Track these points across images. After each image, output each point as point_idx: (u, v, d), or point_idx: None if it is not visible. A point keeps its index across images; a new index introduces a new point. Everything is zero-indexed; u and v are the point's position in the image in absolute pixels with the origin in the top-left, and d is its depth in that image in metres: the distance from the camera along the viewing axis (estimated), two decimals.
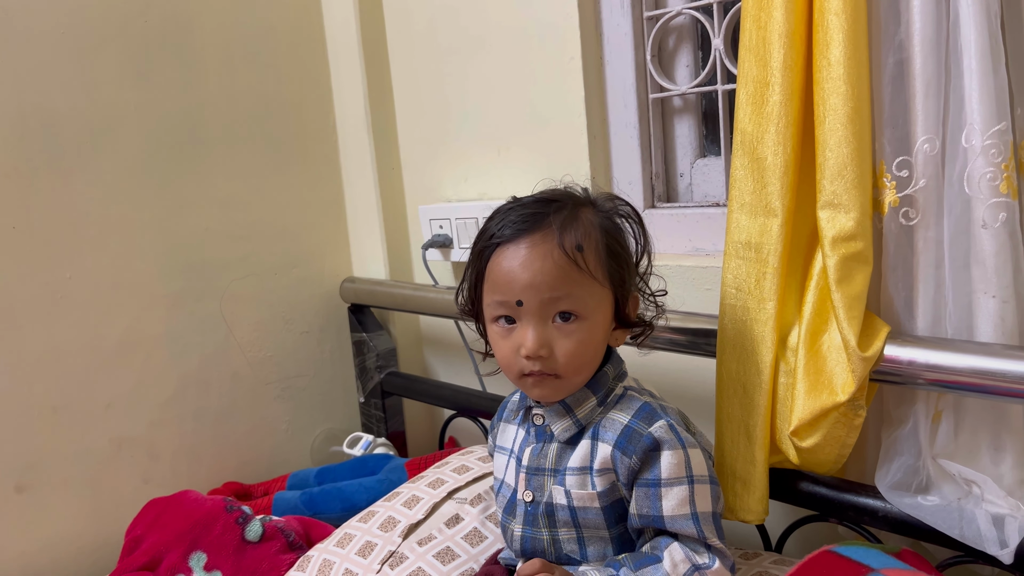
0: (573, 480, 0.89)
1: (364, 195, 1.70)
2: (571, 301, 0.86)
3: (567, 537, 0.90)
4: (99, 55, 1.43)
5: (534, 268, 0.85)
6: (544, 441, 0.93)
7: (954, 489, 0.91)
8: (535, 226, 0.87)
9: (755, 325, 0.98)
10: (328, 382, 1.74)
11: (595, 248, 0.87)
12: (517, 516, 0.94)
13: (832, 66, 0.90)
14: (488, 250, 0.89)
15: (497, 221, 0.90)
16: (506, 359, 0.89)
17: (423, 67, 1.60)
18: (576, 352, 0.86)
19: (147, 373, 1.50)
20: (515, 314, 0.87)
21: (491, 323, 0.91)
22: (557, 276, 0.85)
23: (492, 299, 0.89)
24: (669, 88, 1.31)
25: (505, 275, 0.87)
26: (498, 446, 1.02)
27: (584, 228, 0.87)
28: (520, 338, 0.87)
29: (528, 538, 0.93)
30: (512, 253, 0.87)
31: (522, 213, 0.88)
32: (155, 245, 1.50)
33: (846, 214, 0.90)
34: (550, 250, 0.85)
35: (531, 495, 0.92)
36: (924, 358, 0.88)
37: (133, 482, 1.49)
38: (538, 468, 0.92)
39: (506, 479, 0.97)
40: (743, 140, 0.98)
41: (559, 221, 0.86)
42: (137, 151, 1.48)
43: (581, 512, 0.88)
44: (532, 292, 0.85)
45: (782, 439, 0.99)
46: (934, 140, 0.89)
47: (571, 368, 0.87)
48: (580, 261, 0.85)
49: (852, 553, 0.88)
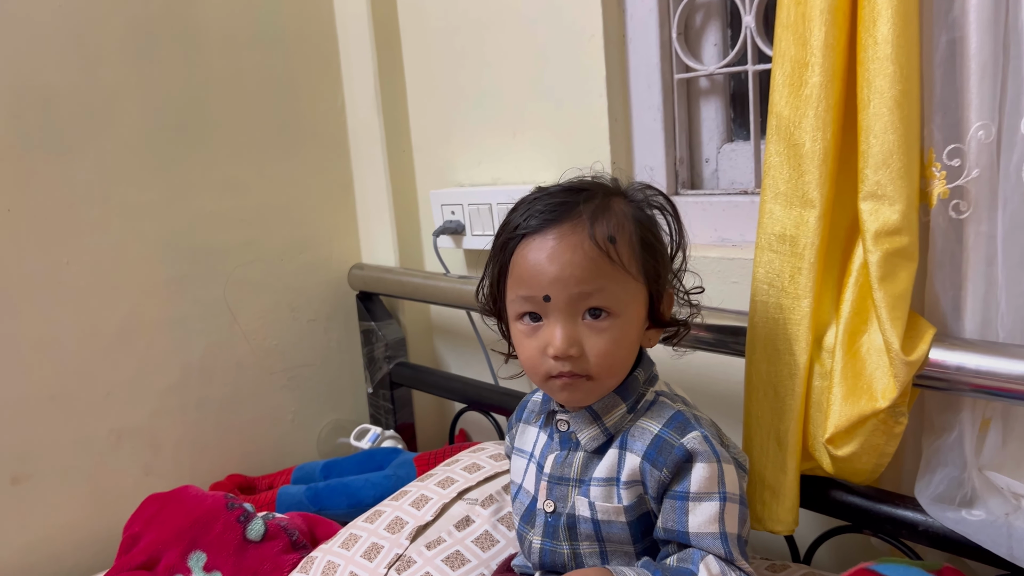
0: (598, 492, 0.83)
1: (373, 179, 1.64)
2: (603, 296, 0.79)
3: (589, 551, 0.85)
4: (99, 31, 1.37)
5: (563, 260, 0.79)
6: (569, 449, 0.87)
7: (1001, 503, 0.85)
8: (564, 216, 0.80)
9: (788, 324, 0.92)
10: (335, 372, 1.69)
11: (628, 240, 0.81)
12: (536, 526, 0.88)
13: (879, 45, 0.83)
14: (512, 242, 0.83)
15: (522, 212, 0.83)
16: (531, 360, 0.83)
17: (436, 45, 1.54)
18: (609, 352, 0.80)
19: (148, 361, 1.46)
20: (541, 311, 0.81)
21: (515, 321, 0.84)
22: (588, 269, 0.78)
23: (516, 294, 0.82)
24: (696, 68, 1.24)
25: (531, 268, 0.80)
26: (516, 448, 0.96)
27: (617, 218, 0.81)
28: (547, 337, 0.80)
29: (548, 551, 0.87)
30: (539, 245, 0.80)
31: (549, 203, 0.82)
32: (157, 229, 1.45)
33: (891, 206, 0.84)
34: (580, 241, 0.79)
35: (553, 505, 0.87)
36: (973, 363, 0.82)
37: (134, 474, 1.45)
38: (562, 477, 0.86)
39: (524, 485, 0.92)
40: (779, 125, 0.91)
41: (590, 211, 0.80)
42: (138, 131, 1.42)
43: (605, 526, 0.83)
44: (560, 286, 0.79)
45: (815, 446, 0.93)
46: (989, 127, 0.83)
47: (604, 369, 0.81)
48: (613, 253, 0.79)
49: (891, 572, 0.83)
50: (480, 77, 1.47)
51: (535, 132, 1.40)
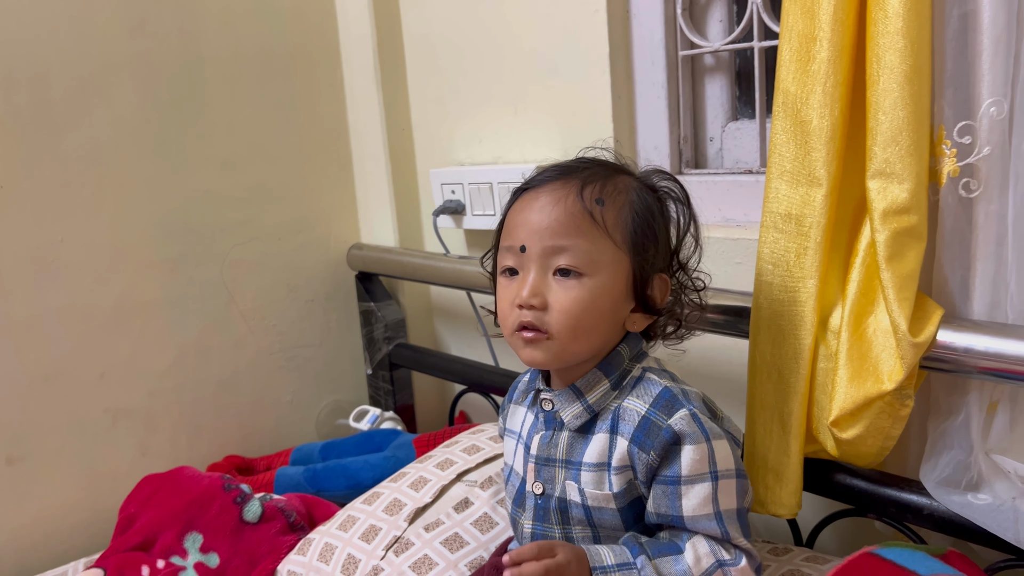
0: (588, 478, 0.81)
1: (373, 157, 1.62)
2: (574, 255, 0.79)
3: (582, 535, 0.83)
4: (93, 6, 1.35)
5: (544, 212, 0.80)
6: (554, 429, 0.85)
7: (1008, 487, 0.84)
8: (560, 176, 0.83)
9: (794, 304, 0.90)
10: (334, 353, 1.68)
11: (618, 208, 0.81)
12: (527, 509, 0.87)
13: (889, 19, 0.81)
14: (513, 197, 0.86)
15: (531, 177, 0.86)
16: (503, 312, 0.83)
17: (436, 21, 1.51)
18: (571, 310, 0.78)
19: (144, 341, 1.44)
20: (519, 263, 0.81)
21: (499, 275, 0.85)
22: (566, 224, 0.79)
23: (502, 245, 0.84)
24: (701, 45, 1.22)
25: (516, 218, 0.83)
26: (508, 429, 0.94)
27: (613, 187, 0.82)
28: (518, 287, 0.81)
29: (540, 535, 0.86)
30: (531, 197, 0.83)
31: (556, 167, 0.85)
32: (152, 207, 1.43)
33: (899, 184, 0.82)
34: (566, 195, 0.80)
35: (541, 487, 0.85)
36: (982, 345, 0.81)
37: (130, 454, 1.44)
38: (548, 459, 0.85)
39: (515, 466, 0.90)
40: (785, 101, 0.89)
41: (587, 174, 0.82)
42: (132, 106, 1.40)
43: (596, 512, 0.82)
44: (536, 237, 0.80)
45: (819, 429, 0.92)
46: (1002, 103, 0.81)
47: (564, 328, 0.79)
48: (597, 213, 0.79)
49: (896, 556, 0.81)
50: (481, 53, 1.45)
51: (537, 110, 1.38)
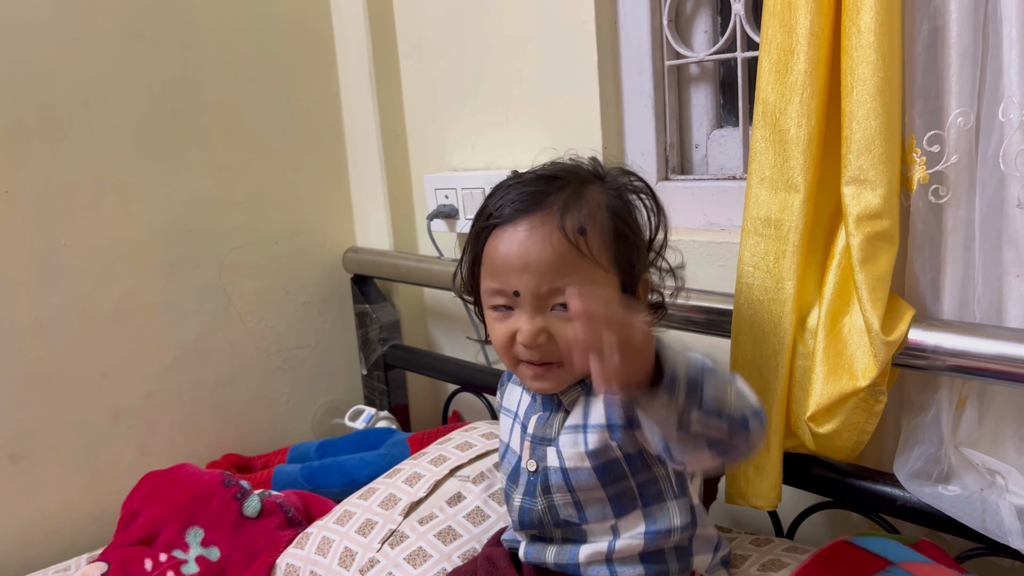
0: (566, 439, 0.84)
1: (368, 162, 1.65)
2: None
3: (563, 502, 0.85)
4: (94, 12, 1.38)
5: (532, 255, 0.80)
6: (551, 410, 0.88)
7: (977, 479, 0.88)
8: (535, 206, 0.81)
9: (773, 305, 0.94)
10: (330, 354, 1.71)
11: (600, 231, 0.82)
12: (519, 485, 0.90)
13: (862, 33, 0.85)
14: (485, 232, 0.84)
15: (496, 200, 0.84)
16: (503, 345, 0.84)
17: (430, 29, 1.55)
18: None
19: (143, 342, 1.47)
20: (512, 303, 0.83)
21: (487, 308, 0.86)
22: (556, 265, 0.79)
23: (489, 286, 0.84)
24: (686, 55, 1.26)
25: (502, 261, 0.82)
26: (504, 407, 0.96)
27: (589, 208, 0.82)
28: (516, 323, 0.82)
29: (526, 509, 0.88)
30: (509, 237, 0.81)
31: (522, 192, 0.83)
32: (152, 211, 1.46)
33: (872, 191, 0.86)
34: (549, 234, 0.80)
35: (535, 465, 0.88)
36: (950, 343, 0.85)
37: (130, 453, 1.47)
38: (544, 438, 0.88)
39: (511, 444, 0.93)
40: (765, 111, 0.93)
41: (561, 201, 0.81)
42: (133, 113, 1.43)
43: (573, 474, 0.84)
44: (528, 282, 0.80)
45: (798, 424, 0.96)
46: (968, 113, 0.85)
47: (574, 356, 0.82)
48: (583, 246, 0.80)
49: (869, 544, 0.85)
50: (474, 62, 1.48)
51: (528, 117, 1.41)
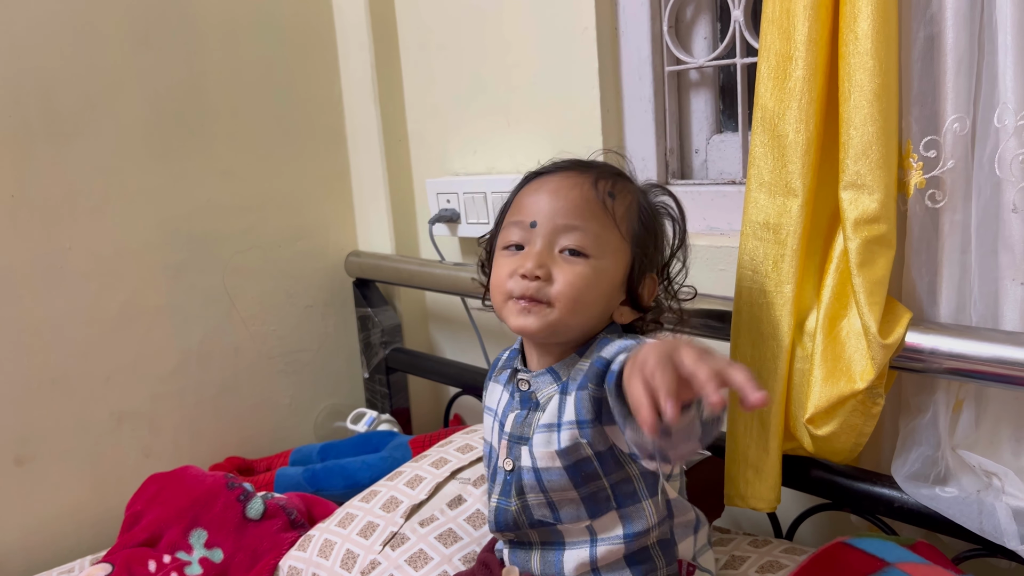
0: (540, 438, 0.83)
1: (370, 167, 1.67)
2: (585, 236, 0.83)
3: (536, 502, 0.85)
4: (99, 19, 1.39)
5: (560, 193, 0.85)
6: (529, 409, 0.87)
7: (973, 481, 0.89)
8: (574, 168, 0.89)
9: (772, 309, 0.95)
10: (332, 357, 1.72)
11: (627, 207, 0.87)
12: (497, 485, 0.89)
13: (859, 40, 0.86)
14: (525, 182, 0.91)
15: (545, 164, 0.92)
16: (499, 278, 0.85)
17: (432, 35, 1.56)
18: (576, 283, 0.81)
19: (148, 346, 1.48)
20: (526, 239, 0.85)
21: (500, 250, 0.88)
22: (580, 206, 0.84)
23: (510, 220, 0.88)
24: (686, 61, 1.27)
25: (530, 197, 0.87)
26: (486, 406, 0.95)
27: (622, 186, 0.88)
28: (522, 260, 0.83)
29: (502, 510, 0.88)
30: (544, 180, 0.88)
31: (567, 160, 0.91)
32: (156, 216, 1.48)
33: (870, 195, 0.87)
34: (581, 182, 0.86)
35: (512, 464, 0.87)
36: (947, 346, 0.86)
37: (134, 456, 1.48)
38: (521, 437, 0.86)
39: (492, 443, 0.92)
40: (763, 116, 0.94)
41: (600, 171, 0.88)
42: (138, 119, 1.44)
43: (545, 474, 0.83)
44: (549, 214, 0.84)
45: (797, 426, 0.97)
46: (964, 119, 0.86)
47: (567, 298, 0.81)
48: (608, 204, 0.85)
49: (867, 545, 0.86)
50: (476, 68, 1.49)
51: (529, 122, 1.43)
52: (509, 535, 0.90)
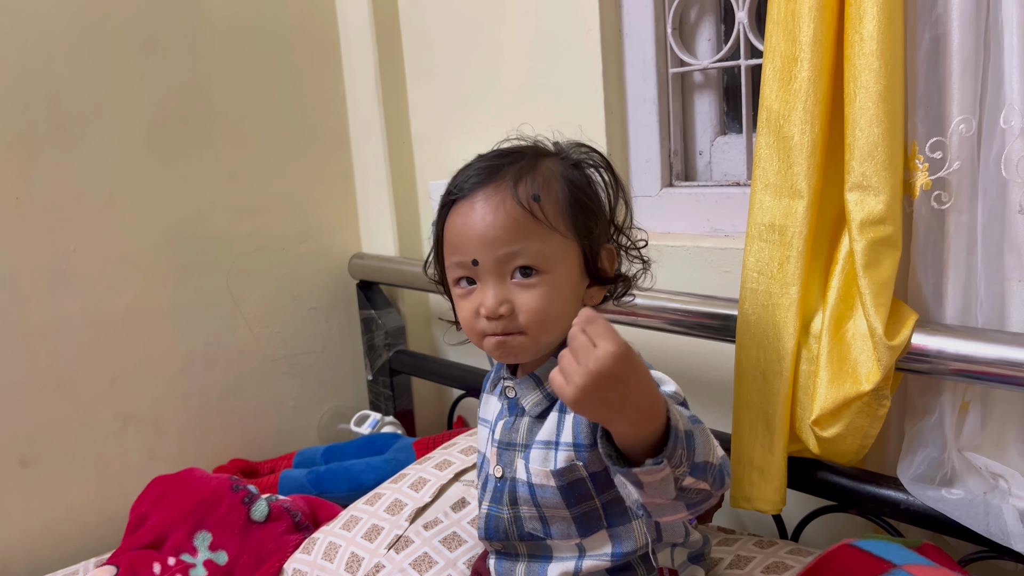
0: (536, 455, 0.83)
1: (374, 169, 1.67)
2: (529, 256, 0.80)
3: (529, 515, 0.85)
4: (105, 23, 1.39)
5: (486, 223, 0.80)
6: (516, 415, 0.87)
7: (980, 483, 0.89)
8: (489, 179, 0.82)
9: (777, 310, 0.95)
10: (336, 359, 1.72)
11: (555, 197, 0.82)
12: (487, 492, 0.89)
13: (865, 41, 0.86)
14: (444, 210, 0.85)
15: (456, 180, 0.85)
16: (468, 321, 0.84)
17: (436, 38, 1.56)
18: (539, 307, 0.80)
19: (153, 348, 1.48)
20: (473, 274, 0.82)
21: (453, 286, 0.86)
22: (511, 229, 0.79)
23: (451, 260, 0.84)
24: (690, 63, 1.27)
25: (459, 233, 0.82)
26: (481, 418, 0.96)
27: (543, 177, 0.82)
28: (480, 298, 0.81)
29: (492, 516, 0.88)
30: (465, 209, 0.82)
31: (479, 167, 0.84)
32: (161, 218, 1.48)
33: (875, 197, 0.87)
34: (503, 201, 0.80)
35: (501, 471, 0.87)
36: (953, 348, 0.85)
37: (139, 458, 1.48)
38: (509, 443, 0.87)
39: (486, 452, 0.92)
40: (769, 118, 0.94)
41: (514, 171, 0.82)
42: (143, 122, 1.45)
43: (539, 490, 0.83)
44: (486, 248, 0.80)
45: (802, 428, 0.97)
46: (970, 120, 0.86)
47: (535, 325, 0.80)
48: (537, 211, 0.80)
49: (873, 547, 0.86)
50: (479, 70, 1.49)
51: (533, 124, 1.40)
52: (497, 544, 0.89)
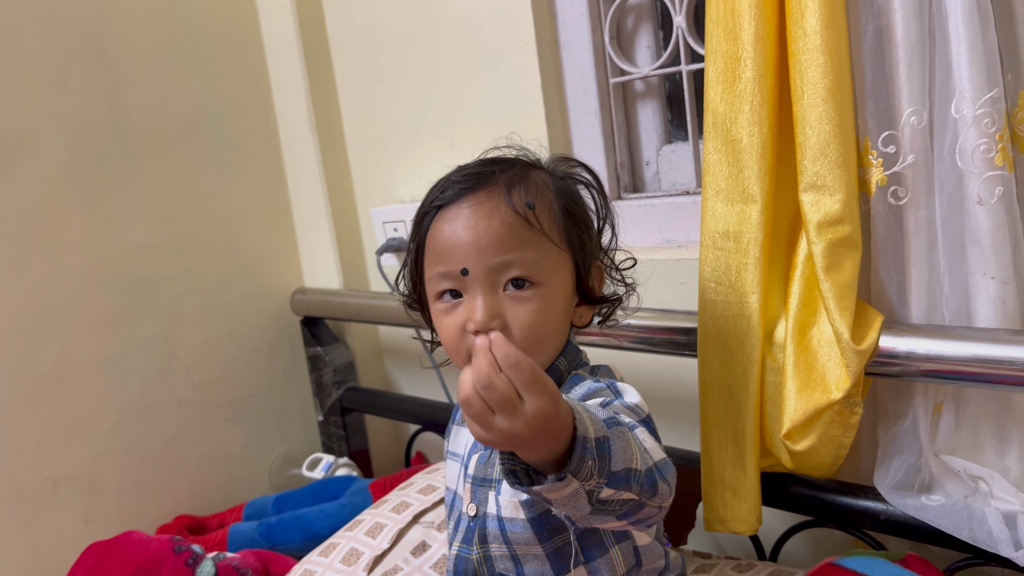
0: (507, 487, 0.76)
1: (311, 200, 1.60)
2: (524, 265, 0.74)
3: (499, 554, 0.79)
4: (11, 60, 1.31)
5: (479, 229, 0.74)
6: (491, 449, 0.80)
7: (960, 486, 0.85)
8: (479, 185, 0.77)
9: (738, 321, 0.91)
10: (283, 401, 1.64)
11: (548, 207, 0.77)
12: (459, 532, 0.83)
13: (808, 36, 0.83)
14: (428, 216, 0.79)
15: (439, 186, 0.80)
16: (452, 340, 0.76)
17: (368, 59, 1.51)
18: (534, 323, 0.74)
19: (84, 403, 1.39)
20: (460, 286, 0.76)
21: (434, 302, 0.79)
22: (506, 236, 0.74)
23: (434, 271, 0.77)
24: (630, 71, 1.24)
25: (447, 240, 0.76)
26: (450, 452, 0.89)
27: (536, 186, 0.78)
28: (467, 312, 0.75)
29: (462, 558, 0.81)
30: (454, 215, 0.76)
31: (466, 174, 0.79)
32: (85, 263, 1.39)
33: (831, 196, 0.84)
34: (496, 207, 0.75)
35: (475, 509, 0.81)
36: (923, 348, 0.82)
37: (73, 523, 1.38)
38: (484, 479, 0.80)
39: (457, 489, 0.86)
40: (715, 121, 0.91)
41: (506, 178, 0.77)
42: (60, 162, 1.36)
43: (509, 524, 0.77)
44: (478, 256, 0.74)
45: (773, 442, 0.92)
46: (921, 112, 0.83)
47: (529, 342, 0.74)
48: (532, 219, 0.75)
49: (857, 565, 0.82)
50: (415, 90, 1.45)
51: (474, 142, 1.35)
52: None
